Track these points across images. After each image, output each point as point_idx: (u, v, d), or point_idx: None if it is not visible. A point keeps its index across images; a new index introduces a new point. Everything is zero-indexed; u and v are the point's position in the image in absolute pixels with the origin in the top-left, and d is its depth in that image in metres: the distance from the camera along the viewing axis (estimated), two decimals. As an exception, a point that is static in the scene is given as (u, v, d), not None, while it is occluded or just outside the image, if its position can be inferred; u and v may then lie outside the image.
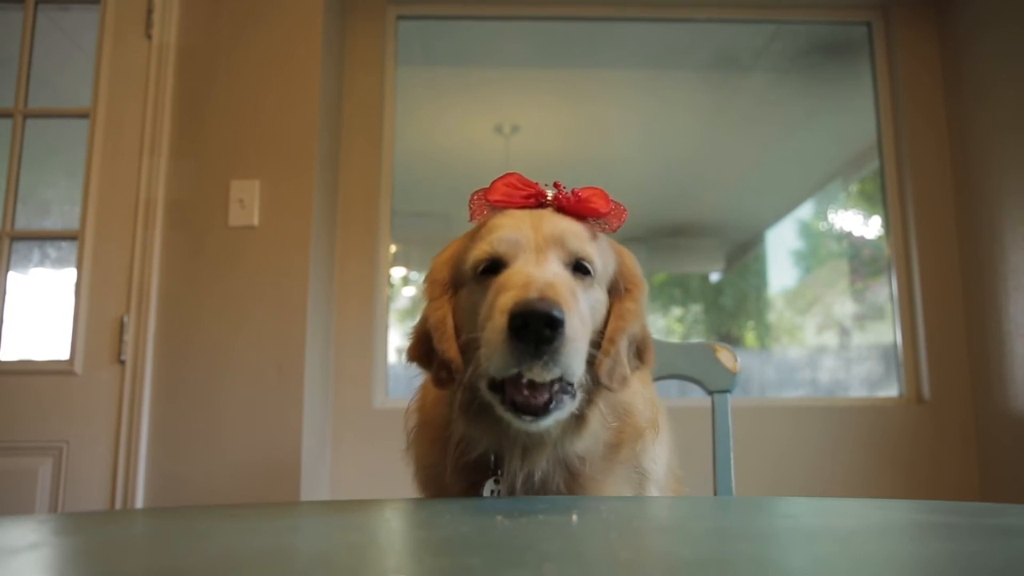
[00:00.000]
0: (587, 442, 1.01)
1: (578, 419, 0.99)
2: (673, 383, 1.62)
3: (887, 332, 3.18)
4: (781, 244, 3.78)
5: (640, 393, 1.12)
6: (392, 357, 3.10)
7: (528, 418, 0.90)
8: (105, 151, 2.45)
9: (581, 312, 0.92)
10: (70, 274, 2.43)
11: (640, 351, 1.05)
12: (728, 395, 1.43)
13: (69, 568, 0.48)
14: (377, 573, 0.44)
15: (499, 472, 1.02)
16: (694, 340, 3.68)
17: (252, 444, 2.34)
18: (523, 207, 1.02)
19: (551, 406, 0.90)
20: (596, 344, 0.98)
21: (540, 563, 0.46)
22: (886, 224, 3.17)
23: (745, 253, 3.91)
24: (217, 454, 2.33)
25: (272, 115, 2.53)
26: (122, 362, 2.35)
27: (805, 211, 3.78)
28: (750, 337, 3.70)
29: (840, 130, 3.48)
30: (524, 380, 0.88)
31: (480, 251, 0.98)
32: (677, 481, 1.23)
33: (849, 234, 3.58)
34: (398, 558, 0.51)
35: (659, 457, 1.12)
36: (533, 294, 0.85)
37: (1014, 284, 2.69)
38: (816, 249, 3.75)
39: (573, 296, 0.92)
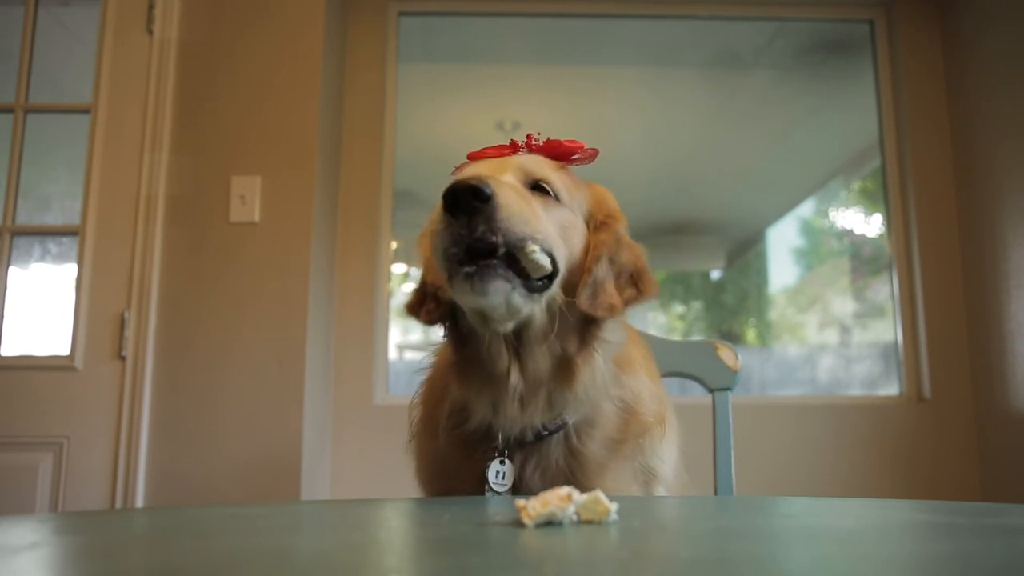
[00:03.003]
0: (577, 397, 1.00)
1: (566, 363, 0.99)
2: (674, 381, 1.62)
3: (888, 330, 3.18)
4: (782, 242, 3.77)
5: (648, 387, 1.11)
6: (393, 354, 3.10)
7: (471, 280, 0.88)
8: (106, 147, 2.45)
9: (541, 221, 0.94)
10: (71, 270, 2.43)
11: (635, 279, 1.04)
12: (729, 393, 1.43)
13: (69, 568, 0.48)
14: (377, 573, 0.44)
15: (506, 453, 1.02)
16: (695, 338, 3.68)
17: (252, 440, 2.35)
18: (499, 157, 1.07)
19: (494, 268, 0.89)
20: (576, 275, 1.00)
21: (540, 563, 0.46)
22: (887, 222, 3.17)
23: (746, 251, 3.91)
24: (217, 450, 2.33)
25: (273, 111, 2.53)
26: (123, 358, 2.35)
27: (806, 209, 3.78)
28: (751, 335, 3.70)
29: (842, 128, 3.48)
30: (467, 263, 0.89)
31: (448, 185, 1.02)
32: (683, 484, 1.22)
33: (850, 232, 3.58)
34: (398, 558, 0.51)
35: (667, 457, 1.11)
36: (463, 177, 0.88)
37: (1015, 283, 2.68)
38: (817, 247, 3.75)
39: (518, 193, 0.94)
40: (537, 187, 1.00)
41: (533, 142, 1.08)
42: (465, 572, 0.42)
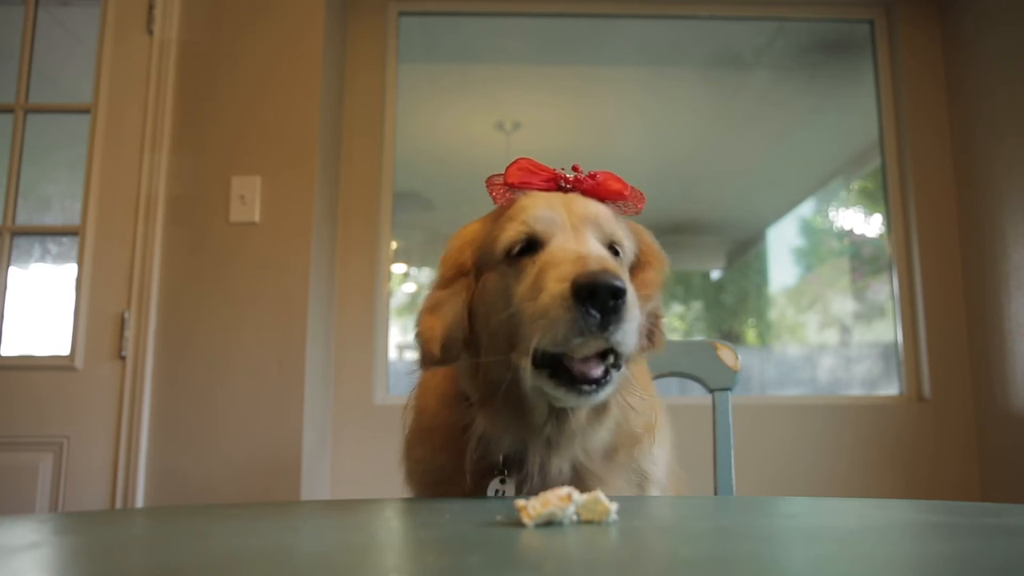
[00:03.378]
0: (608, 430, 1.01)
1: (600, 408, 0.99)
2: (674, 381, 1.62)
3: (888, 330, 3.18)
4: (782, 242, 3.77)
5: (637, 396, 1.11)
6: (393, 354, 3.10)
7: (588, 387, 0.87)
8: (106, 147, 2.45)
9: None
10: (71, 270, 2.43)
11: (651, 330, 1.05)
12: (729, 393, 1.42)
13: (69, 567, 0.48)
14: (377, 573, 0.44)
15: (505, 471, 1.01)
16: (695, 338, 3.68)
17: (253, 440, 2.35)
18: (543, 190, 1.01)
19: (606, 377, 0.88)
20: None
21: (540, 562, 0.46)
22: (887, 222, 3.17)
23: (746, 251, 3.91)
24: (217, 450, 2.33)
25: (273, 111, 2.53)
26: (123, 358, 2.35)
27: (806, 209, 3.78)
28: (751, 335, 3.70)
29: (842, 128, 3.48)
30: (576, 356, 0.87)
31: (514, 231, 0.96)
32: (679, 482, 1.22)
33: (850, 232, 3.58)
34: (398, 558, 0.51)
35: (659, 459, 1.11)
36: (594, 266, 0.85)
37: (1015, 283, 2.68)
38: (817, 247, 3.75)
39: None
40: (610, 248, 0.98)
41: (580, 175, 1.03)
42: (465, 572, 0.42)
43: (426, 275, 3.80)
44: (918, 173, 3.06)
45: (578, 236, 0.94)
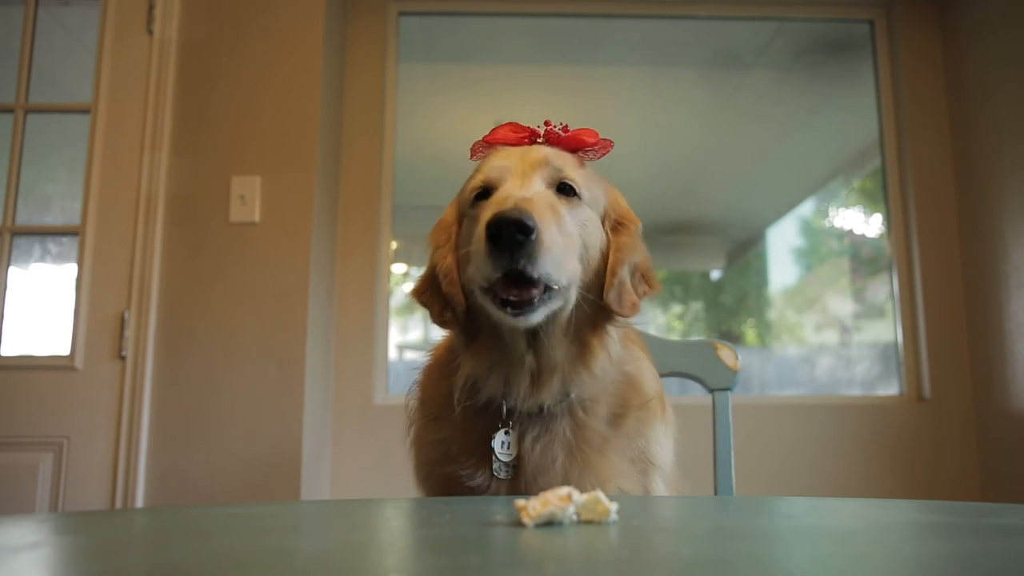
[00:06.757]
0: (594, 376, 1.04)
1: (583, 346, 1.04)
2: (674, 381, 1.62)
3: (888, 330, 3.18)
4: (782, 242, 3.77)
5: (648, 366, 1.15)
6: (393, 354, 3.10)
7: (515, 311, 0.93)
8: (106, 147, 2.46)
9: (565, 225, 0.98)
10: (71, 270, 2.43)
11: (646, 279, 1.10)
12: (729, 393, 1.43)
13: (69, 567, 0.48)
14: (377, 573, 0.44)
15: (509, 423, 1.04)
16: (695, 338, 3.68)
17: (253, 440, 2.35)
18: (518, 145, 1.10)
19: (536, 302, 0.94)
20: (598, 272, 1.04)
21: (540, 562, 0.46)
22: (887, 222, 3.17)
23: (746, 251, 3.91)
24: (218, 450, 2.33)
25: (273, 111, 2.53)
26: (123, 358, 2.35)
27: (806, 209, 3.78)
28: (751, 335, 3.70)
29: (842, 128, 3.48)
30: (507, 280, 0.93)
31: (475, 181, 1.07)
32: (676, 481, 1.23)
33: (850, 232, 3.58)
34: (398, 558, 0.51)
35: (665, 443, 1.12)
36: (508, 206, 0.92)
37: (1016, 283, 2.68)
38: (817, 247, 3.75)
39: (552, 209, 0.97)
40: (563, 187, 1.04)
41: (553, 128, 1.11)
42: (465, 572, 0.42)
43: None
44: (918, 173, 3.06)
45: (525, 180, 1.01)
